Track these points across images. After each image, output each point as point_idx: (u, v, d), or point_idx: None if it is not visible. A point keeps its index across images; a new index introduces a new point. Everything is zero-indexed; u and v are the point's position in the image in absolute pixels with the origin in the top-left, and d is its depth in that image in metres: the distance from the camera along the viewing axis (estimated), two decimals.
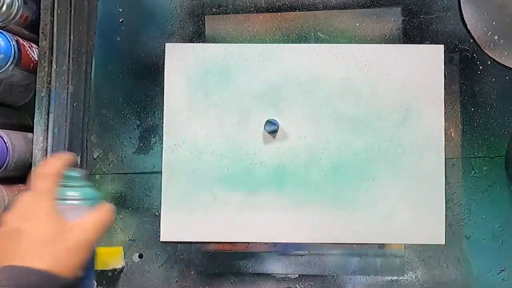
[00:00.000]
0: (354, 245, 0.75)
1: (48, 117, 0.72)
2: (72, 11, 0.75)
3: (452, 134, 0.75)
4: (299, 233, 0.75)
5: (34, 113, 0.72)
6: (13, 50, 0.68)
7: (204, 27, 0.78)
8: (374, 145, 0.75)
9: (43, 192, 0.47)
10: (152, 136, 0.78)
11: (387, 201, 0.74)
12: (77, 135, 0.76)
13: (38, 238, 0.44)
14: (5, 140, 0.68)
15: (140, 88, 0.78)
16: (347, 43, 0.76)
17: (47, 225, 0.45)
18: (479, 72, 0.75)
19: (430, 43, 0.75)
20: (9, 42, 0.68)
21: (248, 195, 0.75)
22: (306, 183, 0.75)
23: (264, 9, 0.78)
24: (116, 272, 0.77)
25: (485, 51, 0.74)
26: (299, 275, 0.75)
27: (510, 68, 0.74)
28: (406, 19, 0.76)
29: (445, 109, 0.75)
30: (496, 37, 0.74)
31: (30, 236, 0.44)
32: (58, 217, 0.46)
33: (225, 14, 0.78)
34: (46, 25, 0.72)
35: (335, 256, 0.75)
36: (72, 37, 0.75)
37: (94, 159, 0.78)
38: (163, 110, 0.77)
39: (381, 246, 0.75)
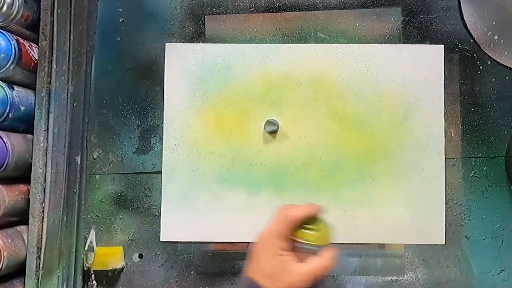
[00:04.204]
0: (354, 245, 0.75)
1: (48, 117, 0.72)
2: (72, 11, 0.75)
3: (452, 134, 0.75)
4: None
5: (34, 113, 0.72)
6: (13, 49, 0.68)
7: (204, 27, 0.78)
8: (374, 145, 0.75)
9: (282, 235, 0.56)
10: (152, 136, 0.78)
11: (387, 201, 0.74)
12: (77, 135, 0.76)
13: (266, 271, 0.55)
14: (5, 141, 0.68)
15: (140, 88, 0.78)
16: (347, 43, 0.76)
17: (274, 264, 0.55)
18: (479, 72, 0.75)
19: (430, 43, 0.75)
20: (10, 41, 0.68)
21: (248, 195, 0.75)
22: (306, 183, 0.75)
23: (264, 9, 0.78)
24: (116, 272, 0.77)
25: (485, 51, 0.74)
26: None
27: (510, 68, 0.74)
28: (406, 19, 0.76)
29: (445, 109, 0.75)
30: (496, 37, 0.74)
31: (261, 266, 0.56)
32: (282, 259, 0.55)
33: (225, 14, 0.78)
34: (46, 25, 0.72)
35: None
36: (72, 37, 0.75)
37: (94, 159, 0.78)
38: (163, 110, 0.77)
39: (381, 246, 0.75)
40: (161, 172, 0.76)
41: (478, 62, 0.75)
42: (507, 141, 0.73)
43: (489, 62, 0.75)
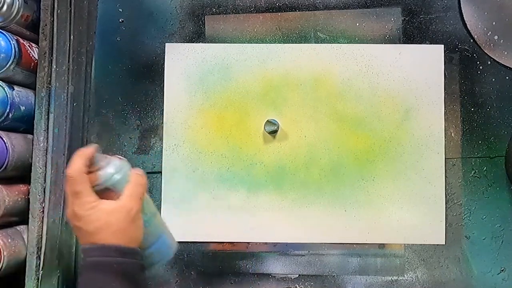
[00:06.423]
0: (354, 245, 0.75)
1: (48, 117, 0.72)
2: (72, 11, 0.75)
3: (452, 134, 0.75)
4: (299, 233, 0.75)
5: (34, 113, 0.72)
6: (13, 49, 0.68)
7: (204, 27, 0.78)
8: (374, 145, 0.75)
9: (79, 193, 0.53)
10: (152, 136, 0.78)
11: (387, 201, 0.74)
12: (77, 135, 0.76)
13: (92, 229, 0.53)
14: (5, 141, 0.68)
15: (140, 88, 0.78)
16: (347, 43, 0.76)
17: (94, 218, 0.53)
18: (479, 72, 0.75)
19: (430, 43, 0.75)
20: (10, 41, 0.68)
21: (248, 195, 0.75)
22: (306, 183, 0.75)
23: (264, 9, 0.78)
24: None
25: (485, 51, 0.74)
26: (299, 275, 0.75)
27: (510, 68, 0.74)
28: (406, 19, 0.76)
29: (445, 109, 0.75)
30: (496, 37, 0.74)
31: (86, 230, 0.53)
32: (100, 208, 0.53)
33: (225, 14, 0.78)
34: (46, 25, 0.72)
35: (335, 256, 0.75)
36: (72, 37, 0.75)
37: None
38: (163, 110, 0.77)
39: (381, 246, 0.75)
40: (161, 172, 0.76)
41: (478, 62, 0.75)
42: (507, 141, 0.73)
43: (489, 62, 0.75)
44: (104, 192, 0.55)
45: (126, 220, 0.53)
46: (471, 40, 0.75)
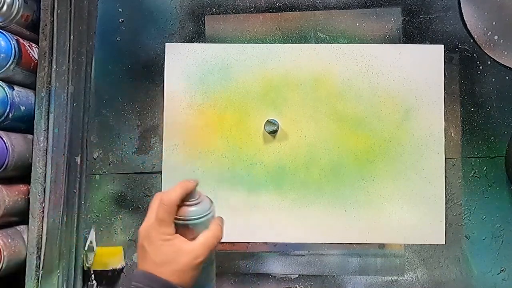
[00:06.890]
0: (354, 245, 0.75)
1: (48, 117, 0.72)
2: (72, 11, 0.75)
3: (452, 134, 0.75)
4: (299, 233, 0.75)
5: (34, 113, 0.72)
6: (13, 49, 0.68)
7: (204, 27, 0.78)
8: (374, 145, 0.75)
9: (163, 221, 0.55)
10: (152, 136, 0.78)
11: (387, 201, 0.74)
12: (77, 135, 0.76)
13: (157, 260, 0.54)
14: (5, 141, 0.68)
15: (140, 88, 0.78)
16: (347, 43, 0.76)
17: (164, 250, 0.55)
18: (479, 72, 0.75)
19: (430, 43, 0.75)
20: (10, 41, 0.68)
21: (248, 195, 0.75)
22: (306, 183, 0.75)
23: (264, 9, 0.78)
24: (116, 272, 0.77)
25: (485, 51, 0.74)
26: (299, 275, 0.75)
27: (510, 68, 0.74)
28: (406, 19, 0.76)
29: (445, 109, 0.75)
30: (496, 37, 0.74)
31: (152, 257, 0.55)
32: (170, 244, 0.55)
33: (225, 14, 0.78)
34: (46, 25, 0.72)
35: (335, 256, 0.75)
36: (72, 37, 0.75)
37: (94, 159, 0.78)
38: (163, 110, 0.77)
39: (381, 246, 0.75)
40: (161, 172, 0.76)
41: (478, 62, 0.75)
42: (507, 141, 0.73)
43: (489, 62, 0.75)
44: (182, 227, 0.56)
45: (189, 265, 0.55)
46: (471, 40, 0.75)
